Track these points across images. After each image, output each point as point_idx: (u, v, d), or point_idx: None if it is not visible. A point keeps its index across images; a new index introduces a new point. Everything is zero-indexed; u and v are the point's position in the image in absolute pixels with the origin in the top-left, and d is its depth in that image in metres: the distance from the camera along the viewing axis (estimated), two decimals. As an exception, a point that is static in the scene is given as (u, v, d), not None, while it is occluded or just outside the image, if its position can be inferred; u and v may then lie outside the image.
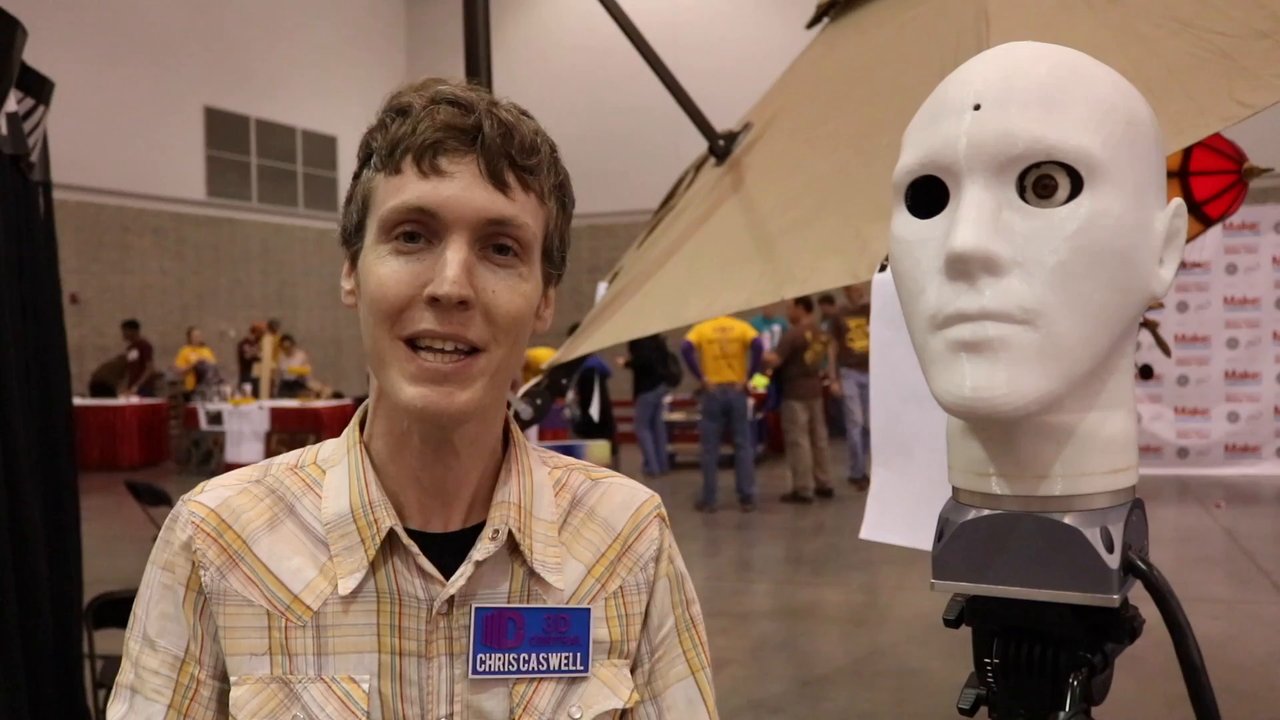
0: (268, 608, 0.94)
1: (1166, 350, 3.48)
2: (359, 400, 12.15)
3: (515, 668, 0.95)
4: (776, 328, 12.03)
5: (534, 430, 5.60)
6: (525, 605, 0.96)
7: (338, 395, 13.20)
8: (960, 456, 0.78)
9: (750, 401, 10.38)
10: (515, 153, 0.90)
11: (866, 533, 2.08)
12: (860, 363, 9.76)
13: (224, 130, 17.26)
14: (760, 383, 11.56)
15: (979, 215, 0.68)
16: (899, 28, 2.83)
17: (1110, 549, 0.72)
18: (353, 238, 0.95)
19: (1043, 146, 0.68)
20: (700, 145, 3.26)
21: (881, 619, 6.11)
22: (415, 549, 0.93)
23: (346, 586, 0.93)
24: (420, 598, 0.94)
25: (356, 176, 0.96)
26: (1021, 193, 0.70)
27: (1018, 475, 0.74)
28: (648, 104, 9.60)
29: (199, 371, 13.74)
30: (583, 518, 1.04)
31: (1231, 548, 7.48)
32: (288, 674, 0.93)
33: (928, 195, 0.75)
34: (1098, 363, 0.71)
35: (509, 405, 1.00)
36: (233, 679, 0.94)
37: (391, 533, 0.94)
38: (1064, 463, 0.73)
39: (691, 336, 9.48)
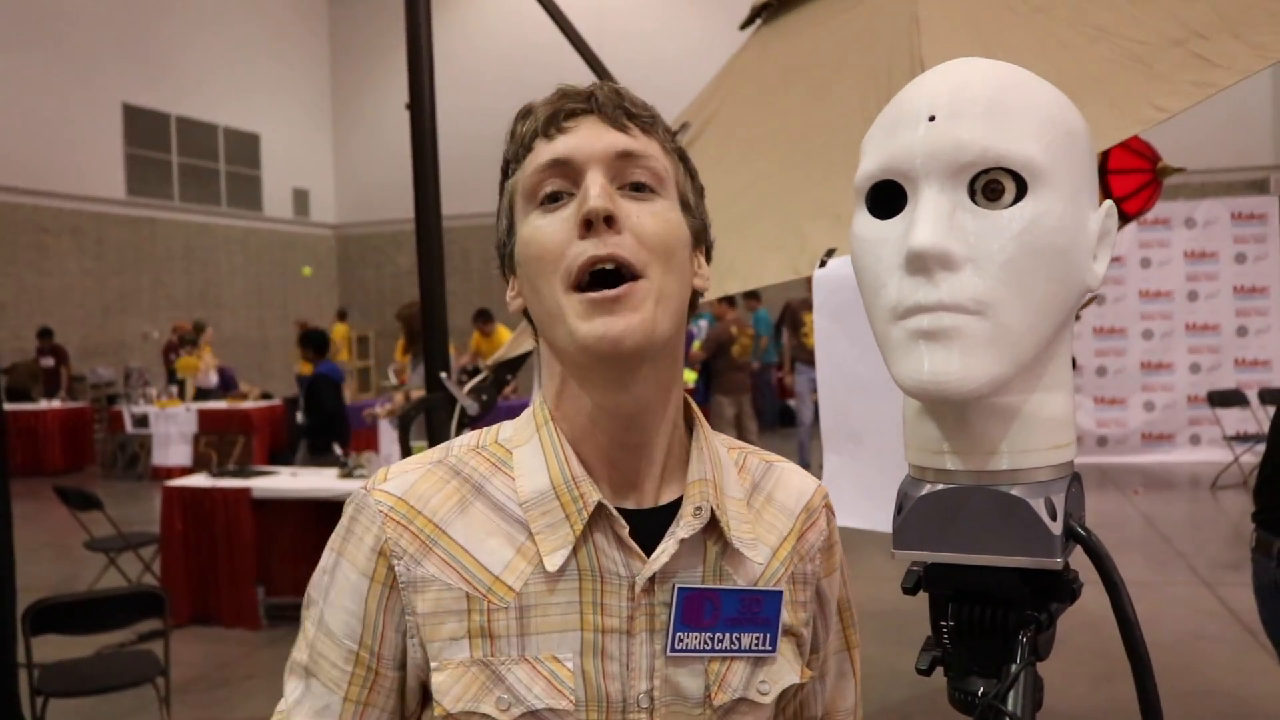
0: (468, 590, 0.94)
1: None
2: (288, 401, 11.98)
3: (710, 646, 0.97)
4: (704, 323, 12.16)
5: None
6: (721, 586, 0.98)
7: (266, 396, 13.01)
8: (916, 436, 0.86)
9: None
10: (629, 105, 0.97)
11: (817, 518, 2.17)
12: (813, 358, 9.87)
13: (144, 127, 16.91)
14: (687, 376, 11.68)
15: (935, 216, 0.75)
16: (832, 31, 2.93)
17: (1054, 517, 0.80)
18: (506, 244, 1.00)
19: (991, 154, 0.76)
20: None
21: (816, 607, 6.22)
22: (622, 523, 0.94)
23: (554, 563, 0.93)
24: (622, 574, 0.94)
25: (501, 194, 1.01)
26: (972, 195, 0.77)
27: (969, 452, 0.82)
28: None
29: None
30: (763, 501, 1.07)
31: (1149, 532, 7.76)
32: (489, 656, 0.93)
33: (885, 198, 0.83)
34: (1041, 349, 0.79)
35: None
36: (433, 664, 0.94)
37: (599, 508, 0.94)
38: (1011, 440, 0.81)
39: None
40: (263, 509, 6.19)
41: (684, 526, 0.95)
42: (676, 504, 0.98)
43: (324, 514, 6.01)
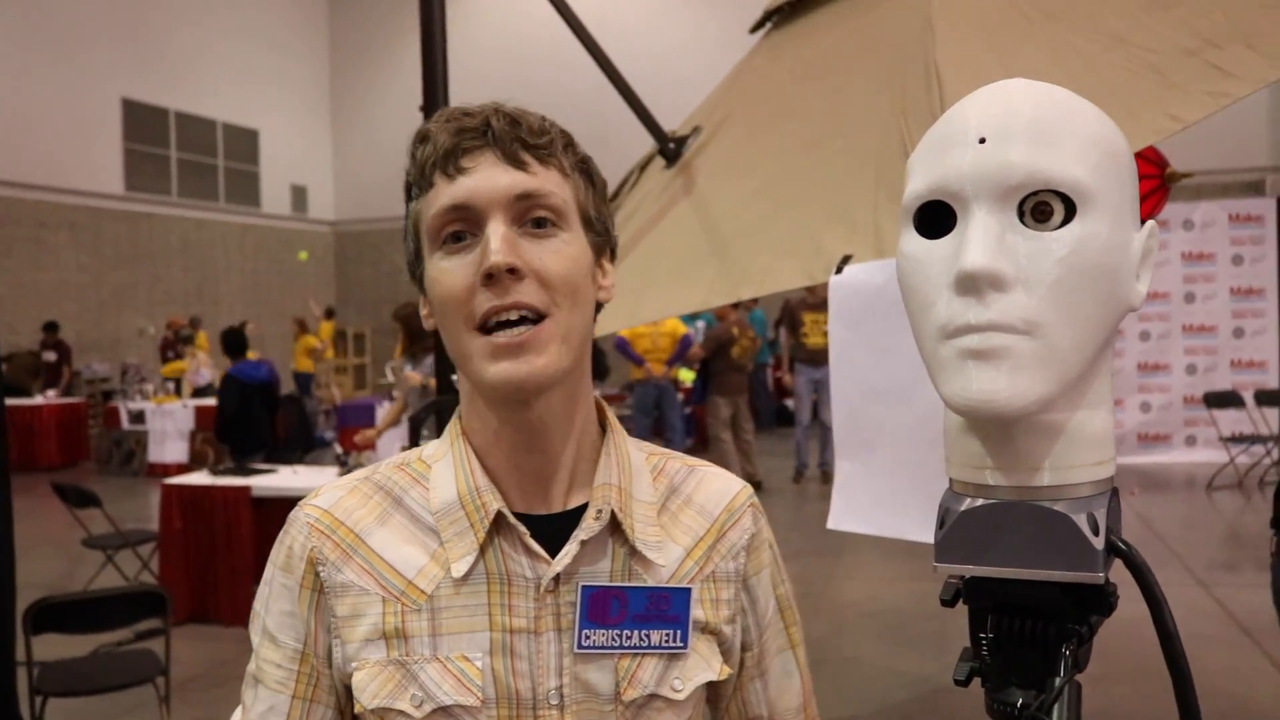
0: (383, 594, 1.00)
1: None
2: (286, 398, 11.95)
3: (619, 643, 1.01)
4: (701, 324, 12.19)
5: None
6: (628, 584, 1.02)
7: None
8: (958, 451, 0.87)
9: (679, 396, 10.58)
10: (525, 136, 0.98)
11: (834, 523, 2.19)
12: (812, 358, 9.92)
13: (142, 122, 16.88)
14: (685, 376, 11.76)
15: (986, 238, 0.76)
16: (845, 36, 2.94)
17: (1096, 532, 0.81)
18: (415, 266, 1.03)
19: (1041, 177, 0.77)
20: (627, 142, 3.34)
21: (814, 609, 6.25)
22: (522, 528, 1.00)
23: (459, 570, 0.99)
24: (528, 576, 0.99)
25: (406, 213, 1.03)
26: (1020, 217, 0.78)
27: (1013, 468, 0.83)
28: (572, 101, 9.66)
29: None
30: (680, 504, 1.10)
31: (1145, 533, 7.79)
32: (404, 655, 0.99)
33: (931, 217, 0.84)
34: (1086, 367, 0.80)
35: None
36: (352, 665, 1.00)
37: (499, 516, 1.00)
38: (1054, 456, 0.82)
39: (624, 332, 9.59)
40: (262, 507, 6.19)
41: (585, 529, 1.00)
42: (584, 508, 1.03)
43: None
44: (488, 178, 0.96)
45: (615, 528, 1.03)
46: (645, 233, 3.01)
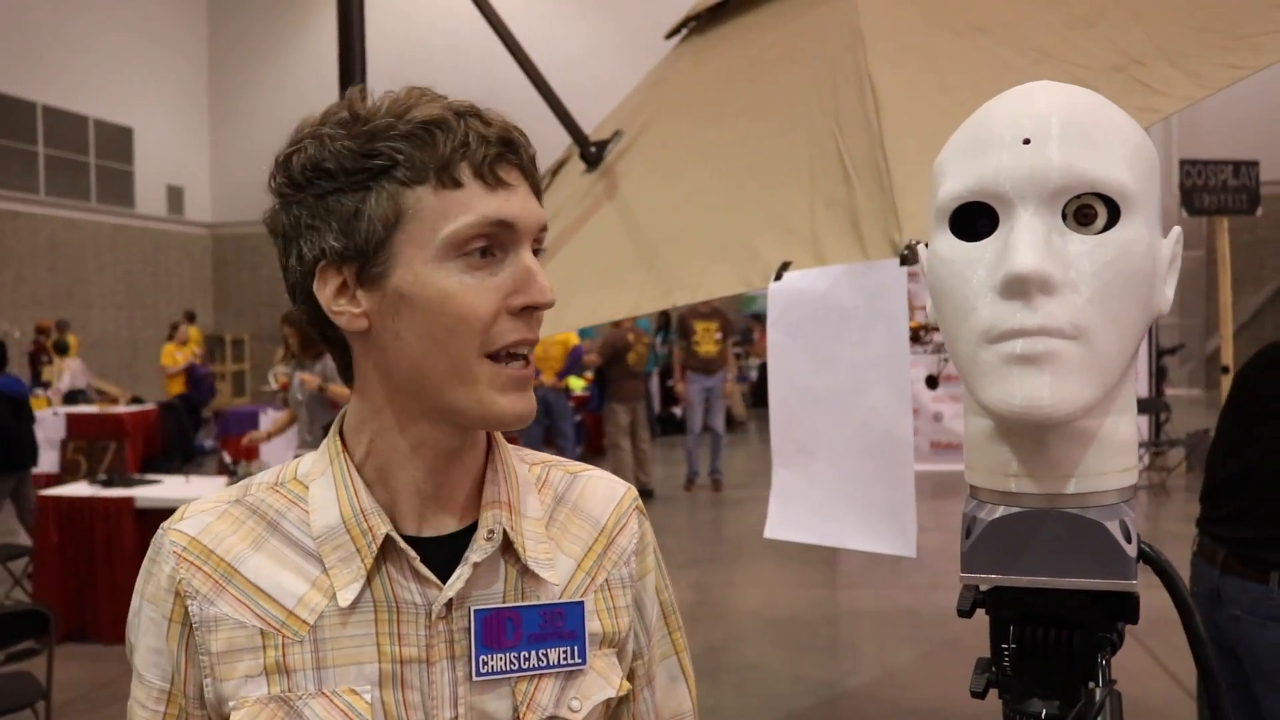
0: (262, 627, 0.93)
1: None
2: (163, 405, 11.52)
3: (517, 666, 0.96)
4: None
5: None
6: (521, 604, 0.98)
7: (137, 400, 12.46)
8: (984, 459, 0.85)
9: (569, 404, 10.58)
10: (530, 160, 0.95)
11: (770, 532, 2.18)
12: (705, 366, 10.00)
13: (8, 116, 16.07)
14: (576, 385, 11.74)
15: (1033, 240, 0.75)
16: (770, 44, 2.94)
17: (1129, 539, 0.81)
18: (371, 258, 0.90)
19: (1087, 179, 0.76)
20: (543, 144, 3.29)
21: (715, 616, 6.27)
22: (412, 554, 0.94)
23: (346, 598, 0.93)
24: (418, 603, 0.94)
25: (354, 192, 0.90)
26: (1063, 219, 0.77)
27: (1045, 475, 0.82)
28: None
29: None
30: (567, 513, 1.06)
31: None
32: (286, 691, 0.92)
33: (961, 220, 0.82)
34: (1124, 373, 0.79)
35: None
36: (230, 704, 0.93)
37: (387, 540, 0.93)
38: (1087, 463, 0.81)
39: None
40: (146, 519, 5.92)
41: (477, 550, 0.96)
42: (473, 528, 0.98)
43: (212, 524, 5.76)
44: (526, 200, 0.92)
45: (507, 546, 0.98)
46: (568, 237, 2.97)
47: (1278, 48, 1.95)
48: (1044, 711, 0.86)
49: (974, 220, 0.81)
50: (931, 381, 4.17)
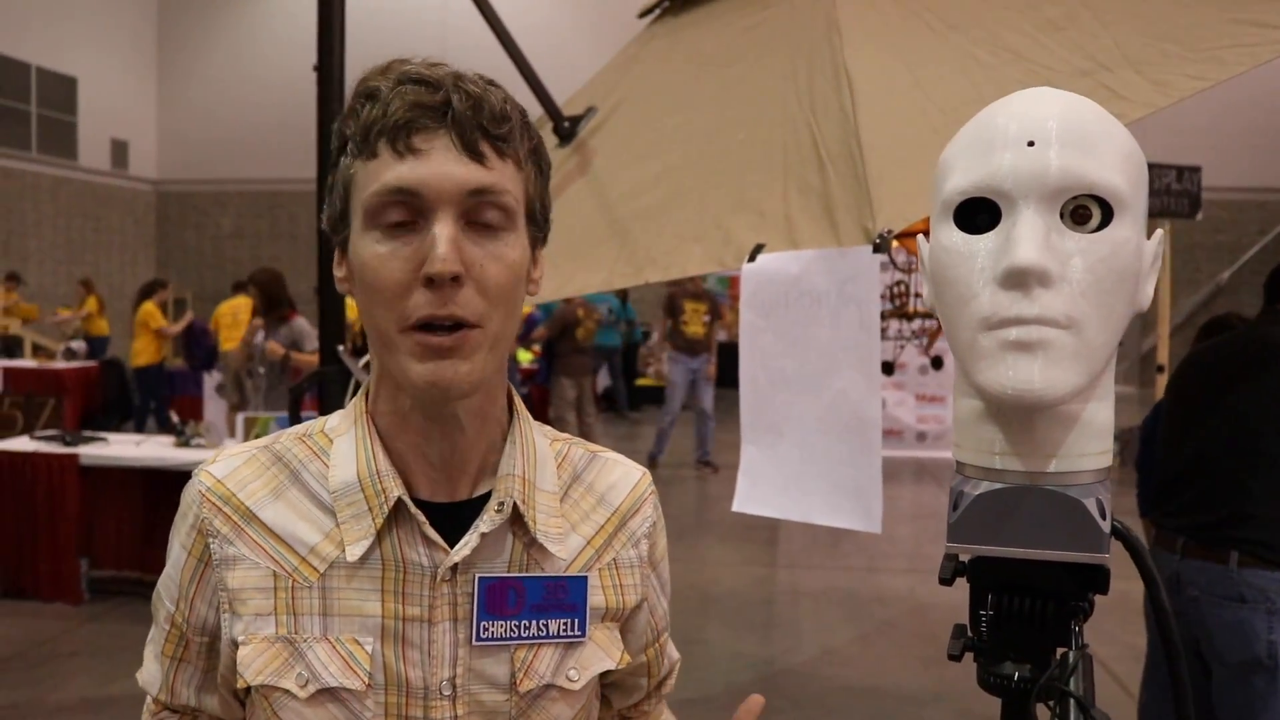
0: (274, 569, 0.98)
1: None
2: (105, 363, 11.31)
3: (516, 634, 1.00)
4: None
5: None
6: (525, 574, 1.01)
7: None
8: (972, 438, 0.91)
9: (517, 375, 10.55)
10: (487, 123, 0.92)
11: (739, 506, 2.24)
12: (690, 347, 9.95)
13: (-54, 60, 15.56)
14: (523, 357, 11.75)
15: (1034, 235, 0.81)
16: (748, 29, 2.98)
17: (1104, 516, 0.87)
18: (339, 226, 0.97)
19: (1085, 182, 0.82)
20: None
21: (662, 592, 6.33)
22: (422, 518, 0.97)
23: (354, 553, 0.97)
24: (424, 565, 0.97)
25: (334, 165, 0.97)
26: (1060, 218, 0.83)
27: (1030, 454, 0.88)
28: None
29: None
30: (582, 491, 1.10)
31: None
32: (293, 633, 0.97)
33: (965, 213, 0.88)
34: (1107, 362, 0.86)
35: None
36: (240, 639, 0.98)
37: (398, 502, 0.97)
38: (1068, 445, 0.88)
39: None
40: (88, 477, 5.85)
41: (486, 520, 0.99)
42: (488, 497, 1.01)
43: (155, 484, 5.73)
44: (442, 167, 0.89)
45: (517, 518, 1.01)
46: (540, 211, 2.98)
47: (1238, 60, 2.03)
48: (1016, 674, 0.93)
49: (974, 214, 0.87)
50: (887, 368, 4.26)
